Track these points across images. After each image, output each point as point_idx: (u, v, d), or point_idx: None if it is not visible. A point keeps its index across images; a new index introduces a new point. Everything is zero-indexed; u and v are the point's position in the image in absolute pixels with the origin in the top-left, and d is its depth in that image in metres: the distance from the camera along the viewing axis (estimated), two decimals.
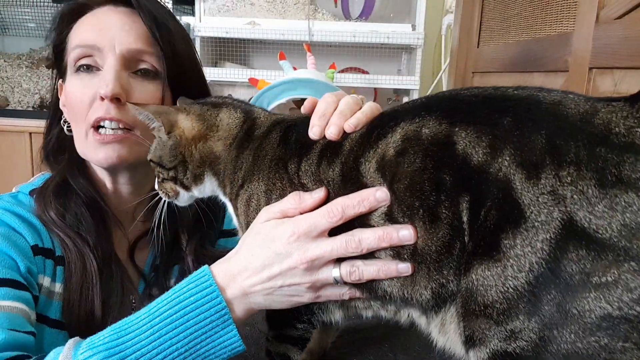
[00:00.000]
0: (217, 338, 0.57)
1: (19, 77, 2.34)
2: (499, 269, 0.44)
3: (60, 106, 0.84)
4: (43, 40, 2.24)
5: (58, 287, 0.75)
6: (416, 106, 0.54)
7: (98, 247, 0.78)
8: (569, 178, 0.42)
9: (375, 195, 0.53)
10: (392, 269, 0.53)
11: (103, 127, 0.77)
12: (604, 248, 0.40)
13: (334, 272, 0.56)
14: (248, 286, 0.58)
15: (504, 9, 1.29)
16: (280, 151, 0.61)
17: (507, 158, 0.44)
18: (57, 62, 0.85)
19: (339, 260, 0.56)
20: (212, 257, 0.68)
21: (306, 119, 0.63)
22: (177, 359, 0.55)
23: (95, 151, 0.77)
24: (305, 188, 0.58)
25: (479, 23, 1.46)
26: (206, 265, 0.60)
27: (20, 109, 2.26)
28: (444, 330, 0.52)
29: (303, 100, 1.47)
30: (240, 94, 2.29)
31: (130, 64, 0.78)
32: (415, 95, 2.07)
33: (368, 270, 0.55)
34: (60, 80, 0.85)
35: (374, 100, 2.29)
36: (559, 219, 0.41)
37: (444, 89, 1.96)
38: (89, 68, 0.78)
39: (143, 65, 0.80)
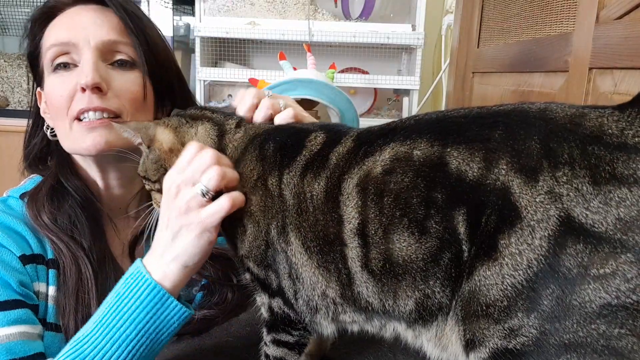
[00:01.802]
0: (161, 314, 0.64)
1: (19, 77, 2.34)
2: (497, 268, 0.45)
3: (42, 114, 0.85)
4: None
5: (52, 290, 0.76)
6: (406, 127, 0.55)
7: (93, 249, 0.78)
8: (564, 177, 0.44)
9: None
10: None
11: (86, 117, 0.78)
12: (600, 241, 0.42)
13: (199, 186, 0.63)
14: (159, 249, 0.65)
15: (504, 9, 1.29)
16: (259, 165, 0.64)
17: (504, 167, 0.46)
18: (33, 69, 0.85)
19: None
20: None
21: (283, 128, 0.68)
22: (134, 346, 0.62)
23: (82, 139, 0.78)
24: (285, 201, 0.60)
25: (479, 23, 1.46)
26: (138, 259, 0.66)
27: (21, 109, 2.26)
28: (443, 344, 0.53)
29: (303, 100, 1.48)
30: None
31: (106, 55, 0.80)
32: (415, 96, 2.07)
33: (228, 170, 0.62)
34: (38, 88, 0.85)
35: (374, 101, 2.29)
36: (556, 216, 0.43)
37: (444, 89, 1.96)
38: (67, 66, 0.79)
39: (119, 56, 0.81)
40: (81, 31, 0.79)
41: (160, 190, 0.69)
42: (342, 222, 0.55)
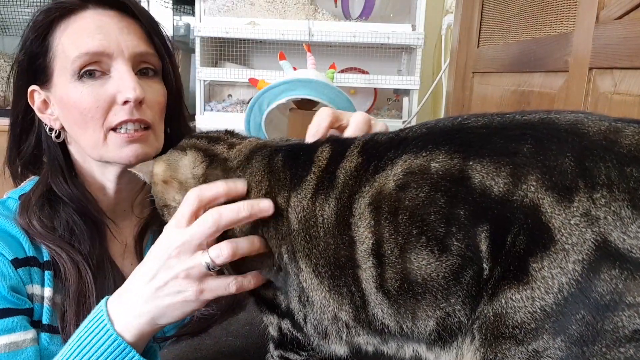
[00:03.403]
0: None
1: None
2: (528, 292, 0.44)
3: (40, 114, 0.82)
4: None
5: (48, 292, 0.75)
6: (419, 137, 0.52)
7: (93, 253, 0.78)
8: (602, 200, 0.42)
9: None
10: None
11: (124, 128, 0.78)
12: (637, 268, 0.40)
13: (204, 256, 0.58)
14: (133, 299, 0.61)
15: (504, 9, 1.29)
16: (266, 179, 0.60)
17: (533, 184, 0.44)
18: (30, 68, 0.82)
19: None
20: None
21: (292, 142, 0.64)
22: None
23: (120, 150, 0.78)
24: (291, 230, 0.57)
25: (479, 23, 1.46)
26: (104, 299, 0.64)
27: None
28: None
29: (303, 100, 1.48)
30: (240, 94, 2.29)
31: (134, 65, 0.80)
32: (415, 96, 2.07)
33: (242, 242, 0.58)
34: (33, 86, 0.82)
35: (374, 101, 2.29)
36: (592, 240, 0.41)
37: (444, 89, 1.96)
38: (92, 74, 0.78)
39: (144, 65, 0.82)
40: (113, 40, 0.78)
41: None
42: (354, 244, 0.52)
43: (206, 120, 2.06)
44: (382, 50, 2.14)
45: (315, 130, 0.65)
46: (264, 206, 0.57)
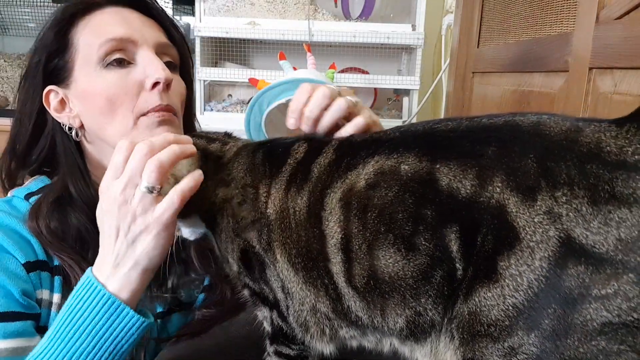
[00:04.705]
0: (117, 325, 0.62)
1: (19, 77, 2.33)
2: (498, 289, 0.45)
3: (56, 114, 0.80)
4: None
5: (56, 298, 0.74)
6: (391, 139, 0.54)
7: None
8: (564, 198, 0.43)
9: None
10: (182, 146, 0.61)
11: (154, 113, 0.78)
12: (602, 262, 0.41)
13: (142, 185, 0.60)
14: (112, 258, 0.62)
15: (504, 9, 1.29)
16: (247, 177, 0.63)
17: (499, 185, 0.45)
18: (47, 68, 0.80)
19: None
20: (213, 250, 0.70)
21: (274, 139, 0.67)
22: (92, 359, 0.60)
23: (151, 132, 0.77)
24: (268, 220, 0.58)
25: (479, 23, 1.46)
26: (88, 269, 0.64)
27: None
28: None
29: None
30: (240, 94, 2.29)
31: (158, 56, 0.80)
32: (415, 96, 2.07)
33: (163, 152, 0.60)
34: (50, 87, 0.80)
35: (374, 101, 2.29)
36: (556, 237, 0.43)
37: (444, 89, 1.96)
38: (121, 62, 0.78)
39: (166, 59, 0.82)
40: (137, 30, 0.79)
41: None
42: (324, 237, 0.54)
43: (206, 120, 2.05)
44: (382, 50, 2.14)
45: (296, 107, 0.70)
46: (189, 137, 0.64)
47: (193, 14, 2.06)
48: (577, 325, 0.42)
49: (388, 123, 2.17)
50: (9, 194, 0.82)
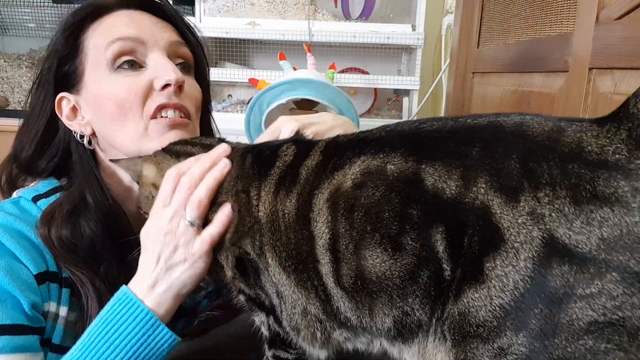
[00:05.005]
0: (152, 341, 0.63)
1: (19, 77, 2.34)
2: (485, 291, 0.45)
3: (67, 121, 0.78)
4: (42, 41, 2.23)
5: (63, 311, 0.72)
6: (377, 139, 0.54)
7: (118, 279, 0.72)
8: (546, 198, 0.43)
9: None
10: (216, 171, 0.64)
11: (163, 117, 0.76)
12: (585, 262, 0.41)
13: (185, 218, 0.63)
14: (150, 279, 0.65)
15: (504, 9, 1.29)
16: (239, 179, 0.64)
17: (483, 186, 0.45)
18: (59, 73, 0.78)
19: None
20: None
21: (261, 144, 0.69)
22: None
23: (162, 137, 0.76)
24: (260, 224, 0.59)
25: (479, 23, 1.46)
26: (123, 285, 0.67)
27: (20, 109, 2.26)
28: None
29: (303, 100, 1.47)
30: (240, 94, 2.29)
31: (170, 58, 0.79)
32: (415, 96, 2.07)
33: (200, 187, 0.63)
34: (62, 93, 0.78)
35: (374, 101, 2.29)
36: (539, 237, 0.43)
37: (444, 89, 1.96)
38: (132, 66, 0.76)
39: (179, 60, 0.81)
40: (147, 32, 0.77)
41: None
42: (313, 238, 0.54)
43: None
44: (382, 51, 2.14)
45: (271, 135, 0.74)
46: (221, 150, 0.66)
47: (193, 14, 2.06)
48: (564, 325, 0.42)
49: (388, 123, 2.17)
50: (14, 194, 0.79)
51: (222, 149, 0.67)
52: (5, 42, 2.49)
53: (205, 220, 0.65)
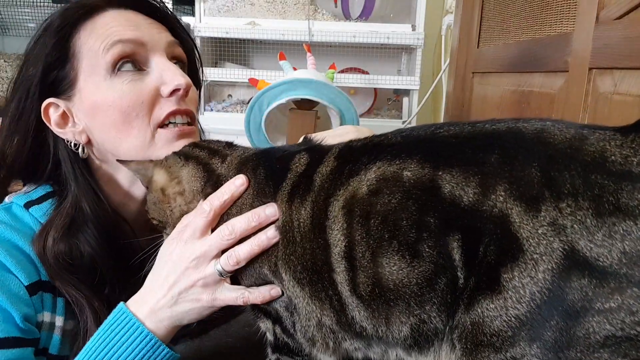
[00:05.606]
0: None
1: None
2: (501, 301, 0.44)
3: (56, 128, 0.73)
4: None
5: (59, 321, 0.70)
6: (393, 145, 0.53)
7: (119, 297, 0.68)
8: (568, 209, 0.42)
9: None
10: (262, 238, 0.58)
11: (172, 123, 0.74)
12: (605, 276, 0.40)
13: (216, 265, 0.61)
14: (154, 304, 0.63)
15: (504, 9, 1.29)
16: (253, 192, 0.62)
17: (502, 194, 0.44)
18: (46, 79, 0.72)
19: None
20: None
21: (270, 151, 0.66)
22: None
23: (170, 146, 0.73)
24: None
25: (479, 23, 1.46)
26: (121, 303, 0.64)
27: None
28: None
29: (303, 100, 1.47)
30: (240, 94, 2.29)
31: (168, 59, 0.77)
32: (415, 96, 2.07)
33: (242, 249, 0.60)
34: (50, 99, 0.73)
35: (374, 101, 2.29)
36: (560, 249, 0.42)
37: (444, 89, 1.96)
38: (134, 68, 0.73)
39: (174, 61, 0.79)
40: (146, 32, 0.73)
41: (164, 228, 0.69)
42: (329, 247, 0.53)
43: (206, 121, 2.05)
44: (382, 51, 2.14)
45: None
46: (270, 212, 0.59)
47: (193, 14, 2.06)
48: (579, 338, 0.41)
49: (388, 123, 2.18)
50: (6, 199, 0.76)
51: (273, 210, 0.59)
52: (5, 42, 2.50)
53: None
